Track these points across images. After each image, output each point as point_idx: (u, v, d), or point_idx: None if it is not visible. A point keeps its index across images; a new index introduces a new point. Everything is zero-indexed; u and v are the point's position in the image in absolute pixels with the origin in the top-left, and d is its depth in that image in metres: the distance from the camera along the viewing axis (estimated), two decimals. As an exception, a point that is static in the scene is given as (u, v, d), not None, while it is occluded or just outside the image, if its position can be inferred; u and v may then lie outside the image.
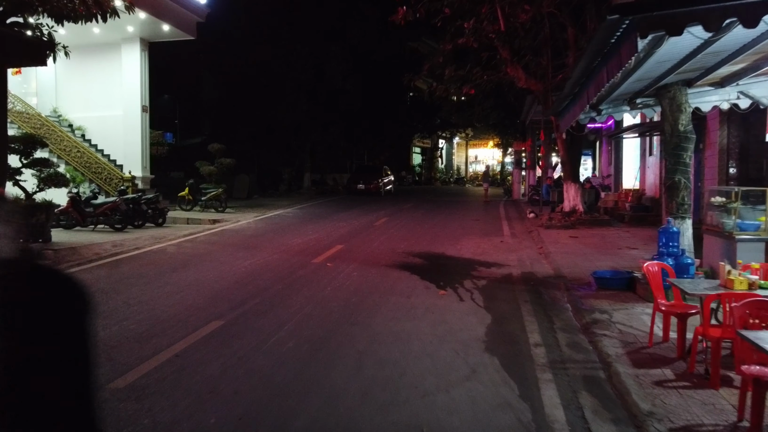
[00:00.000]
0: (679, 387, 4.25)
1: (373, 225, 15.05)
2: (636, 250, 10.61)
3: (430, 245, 11.55)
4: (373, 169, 28.99)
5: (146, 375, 4.48)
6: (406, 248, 11.06)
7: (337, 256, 10.08)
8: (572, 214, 14.38)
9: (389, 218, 16.77)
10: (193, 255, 10.17)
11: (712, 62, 5.86)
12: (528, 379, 4.54)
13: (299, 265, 9.21)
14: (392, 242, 11.88)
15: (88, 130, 17.98)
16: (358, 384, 4.41)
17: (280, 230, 13.81)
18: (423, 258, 10.09)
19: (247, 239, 12.32)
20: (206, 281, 8.02)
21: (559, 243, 11.65)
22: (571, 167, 14.86)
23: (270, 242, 11.77)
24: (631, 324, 5.86)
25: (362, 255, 10.30)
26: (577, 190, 14.71)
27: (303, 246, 11.23)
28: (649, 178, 15.53)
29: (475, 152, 59.64)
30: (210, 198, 17.11)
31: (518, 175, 26.25)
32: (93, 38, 17.10)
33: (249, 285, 7.76)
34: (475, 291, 7.59)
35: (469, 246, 11.52)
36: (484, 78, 15.23)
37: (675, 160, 6.93)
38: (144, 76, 17.33)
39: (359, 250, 10.80)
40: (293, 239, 12.17)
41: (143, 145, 17.31)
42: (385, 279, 8.31)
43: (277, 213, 17.87)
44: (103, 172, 15.83)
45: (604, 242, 11.71)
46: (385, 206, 21.31)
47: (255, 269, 8.89)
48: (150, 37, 17.30)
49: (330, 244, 11.41)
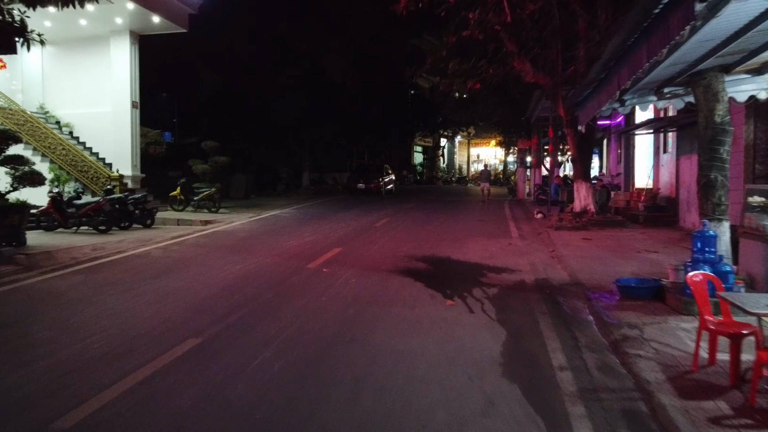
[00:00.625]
0: (741, 426, 3.52)
1: (374, 226, 14.32)
2: (656, 253, 9.88)
3: (435, 248, 10.82)
4: (373, 168, 28.23)
5: (100, 410, 3.75)
6: (409, 251, 10.34)
7: (334, 261, 9.35)
8: (583, 215, 13.64)
9: (390, 219, 16.04)
10: (178, 259, 9.44)
11: (760, 42, 5.12)
12: (557, 414, 3.81)
13: (293, 271, 8.49)
14: (394, 245, 11.16)
15: (77, 127, 17.28)
16: (353, 421, 3.69)
17: (275, 232, 13.09)
18: (427, 262, 9.37)
19: (239, 242, 11.60)
20: (190, 289, 7.30)
21: (572, 245, 10.93)
22: (582, 165, 14.12)
23: (263, 245, 11.05)
24: (667, 342, 5.13)
25: (362, 259, 9.58)
26: (589, 189, 13.97)
27: (298, 249, 10.51)
28: (663, 177, 14.79)
29: (477, 151, 58.92)
30: (203, 198, 16.39)
31: (523, 174, 25.50)
32: (81, 31, 16.41)
33: (236, 294, 7.04)
34: (486, 300, 6.87)
35: (475, 249, 10.80)
36: (490, 72, 14.47)
37: (710, 156, 6.20)
38: (134, 71, 16.61)
39: (358, 254, 10.07)
40: (288, 241, 11.45)
41: (133, 142, 16.60)
42: (386, 287, 7.58)
43: (274, 213, 17.15)
44: (90, 170, 15.10)
45: (620, 245, 10.97)
46: (386, 206, 20.59)
47: (244, 275, 8.16)
48: (140, 30, 16.58)
49: (327, 247, 10.68)
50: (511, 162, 53.42)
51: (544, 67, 14.71)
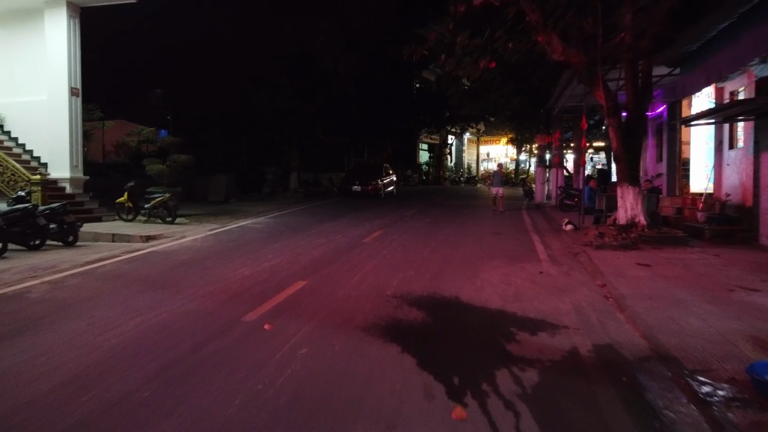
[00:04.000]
0: None
1: (362, 242, 11.32)
2: (757, 292, 6.82)
3: (437, 280, 7.81)
4: (371, 167, 25.11)
5: None
6: (400, 287, 7.33)
7: (289, 306, 6.37)
8: (631, 229, 10.55)
9: (385, 231, 13.04)
10: (59, 306, 6.45)
11: None
12: None
13: (218, 330, 5.50)
14: (381, 275, 8.16)
15: (8, 119, 14.38)
16: None
17: (230, 253, 10.11)
18: (424, 309, 6.35)
19: (172, 270, 8.62)
20: (33, 371, 4.34)
21: (628, 276, 7.87)
22: (628, 165, 11.01)
23: (200, 276, 8.07)
24: None
25: (330, 303, 6.58)
26: (638, 195, 10.86)
27: (247, 283, 7.53)
28: (729, 179, 11.65)
29: (487, 149, 55.85)
30: (154, 205, 13.42)
31: (542, 175, 22.31)
32: (9, 3, 13.52)
33: (100, 381, 4.06)
34: (521, 403, 3.84)
35: (493, 280, 7.78)
36: (510, 46, 11.39)
37: None
38: (74, 51, 13.70)
39: (328, 293, 7.07)
40: (239, 269, 8.47)
41: (73, 138, 13.69)
42: (354, 368, 4.58)
43: (243, 224, 14.17)
44: (6, 172, 12.19)
45: (696, 276, 7.90)
46: (383, 212, 17.58)
47: (141, 337, 5.19)
48: (80, 1, 13.66)
49: (288, 279, 7.71)
50: (523, 160, 50.26)
51: (576, 41, 11.63)
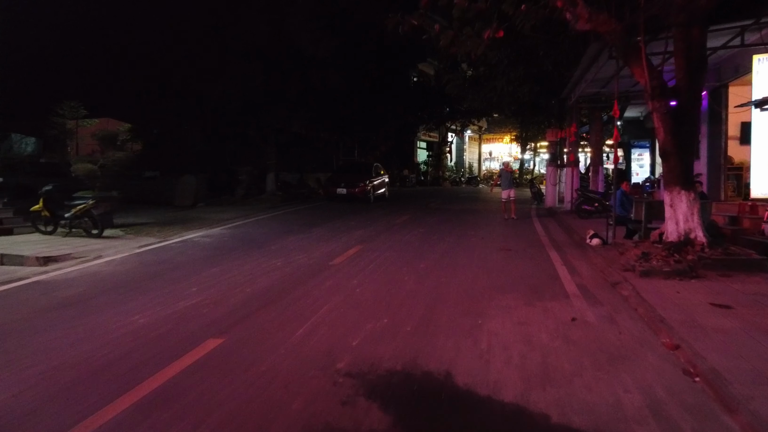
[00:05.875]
0: None
1: (329, 264, 8.68)
2: None
3: (420, 336, 5.16)
4: (360, 167, 22.42)
5: None
6: (362, 352, 4.68)
7: (161, 402, 3.72)
8: (686, 248, 7.87)
9: (364, 246, 10.41)
10: None
11: None
12: None
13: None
14: (339, 325, 5.50)
15: None
16: None
17: (142, 284, 7.44)
18: (393, 407, 3.67)
19: (27, 321, 5.97)
20: None
21: (706, 328, 5.20)
22: (679, 161, 8.33)
23: (67, 330, 5.41)
24: None
25: (237, 391, 3.92)
26: (693, 202, 8.18)
27: (126, 346, 4.88)
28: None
29: (490, 147, 53.17)
30: (76, 214, 10.76)
31: (554, 175, 19.59)
32: None
33: None
34: None
35: (506, 338, 5.12)
36: (522, 8, 8.75)
37: None
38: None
39: (245, 365, 4.42)
40: (134, 315, 5.82)
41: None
42: None
43: (189, 237, 11.50)
44: None
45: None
46: (369, 220, 14.95)
47: None
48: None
49: (195, 336, 5.07)
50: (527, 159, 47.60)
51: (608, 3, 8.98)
